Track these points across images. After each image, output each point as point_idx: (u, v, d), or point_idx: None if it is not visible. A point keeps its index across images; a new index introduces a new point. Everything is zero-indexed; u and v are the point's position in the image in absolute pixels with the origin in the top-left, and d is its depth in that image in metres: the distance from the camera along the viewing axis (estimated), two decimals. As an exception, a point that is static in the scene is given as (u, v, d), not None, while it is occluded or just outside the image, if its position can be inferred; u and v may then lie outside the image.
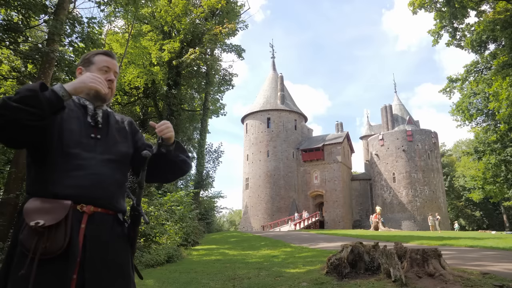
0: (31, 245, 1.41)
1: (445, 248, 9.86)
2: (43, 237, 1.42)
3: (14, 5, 9.86)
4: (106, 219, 1.60)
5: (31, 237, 1.42)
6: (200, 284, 5.88)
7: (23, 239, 1.43)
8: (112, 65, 1.86)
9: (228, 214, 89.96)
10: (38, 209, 1.47)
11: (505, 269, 5.89)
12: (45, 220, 1.43)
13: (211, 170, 34.16)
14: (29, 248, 1.41)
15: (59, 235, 1.43)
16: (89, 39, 11.19)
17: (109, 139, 1.74)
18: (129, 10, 16.68)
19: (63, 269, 1.44)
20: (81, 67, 1.86)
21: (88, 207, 1.54)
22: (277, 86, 53.04)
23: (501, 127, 26.86)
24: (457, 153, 65.47)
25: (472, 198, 44.11)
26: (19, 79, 12.61)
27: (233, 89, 53.98)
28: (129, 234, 1.68)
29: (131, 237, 1.68)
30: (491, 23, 18.20)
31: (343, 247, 5.78)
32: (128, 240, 1.68)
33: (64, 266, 1.44)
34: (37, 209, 1.47)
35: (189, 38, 25.15)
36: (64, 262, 1.44)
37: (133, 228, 1.69)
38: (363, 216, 48.65)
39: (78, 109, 1.73)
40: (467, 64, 22.67)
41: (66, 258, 1.44)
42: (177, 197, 14.95)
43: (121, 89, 25.82)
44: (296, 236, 20.06)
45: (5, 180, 9.86)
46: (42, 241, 1.41)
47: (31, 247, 1.40)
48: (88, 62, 1.84)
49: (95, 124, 1.73)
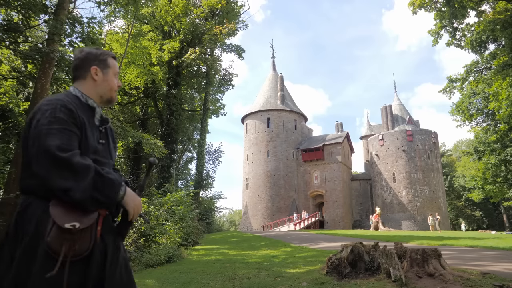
0: (61, 248, 1.42)
1: (445, 248, 9.86)
2: (74, 240, 1.45)
3: (14, 5, 9.86)
4: (109, 219, 1.68)
5: (62, 239, 1.43)
6: (200, 284, 5.88)
7: (51, 241, 1.42)
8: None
9: (228, 214, 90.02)
10: (69, 210, 1.48)
11: (505, 269, 5.89)
12: (80, 223, 1.46)
13: (211, 170, 34.26)
14: (57, 250, 1.42)
15: (86, 238, 1.49)
16: (89, 39, 11.19)
17: (109, 143, 1.79)
18: (129, 10, 16.69)
19: (85, 269, 1.49)
20: (96, 67, 1.78)
21: (104, 210, 1.60)
22: (277, 86, 53.04)
23: (501, 127, 26.85)
24: (457, 153, 65.47)
25: (472, 198, 44.12)
26: (19, 79, 12.62)
27: (233, 89, 54.02)
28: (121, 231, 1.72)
29: (123, 234, 1.74)
30: (491, 23, 18.20)
31: (343, 247, 5.78)
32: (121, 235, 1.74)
33: (85, 266, 1.49)
34: (68, 210, 1.48)
35: (189, 38, 25.15)
36: (86, 262, 1.49)
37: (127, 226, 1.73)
38: (363, 216, 48.65)
39: (87, 110, 1.71)
40: (467, 64, 22.67)
41: (88, 258, 1.50)
42: (177, 197, 14.95)
43: (121, 89, 25.82)
44: (296, 236, 20.06)
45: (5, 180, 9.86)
46: (73, 244, 1.44)
47: (61, 250, 1.42)
48: (105, 65, 1.80)
49: (102, 129, 1.76)
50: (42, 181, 1.47)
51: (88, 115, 1.70)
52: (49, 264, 1.42)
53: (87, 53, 1.79)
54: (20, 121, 11.71)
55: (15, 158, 9.47)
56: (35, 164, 1.47)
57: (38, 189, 1.53)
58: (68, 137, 1.52)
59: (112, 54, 1.87)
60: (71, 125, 1.56)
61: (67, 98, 1.65)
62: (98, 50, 1.83)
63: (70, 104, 1.60)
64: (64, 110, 1.56)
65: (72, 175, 1.46)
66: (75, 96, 1.71)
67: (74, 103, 1.65)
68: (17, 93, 14.84)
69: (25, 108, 12.85)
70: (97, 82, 1.77)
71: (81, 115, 1.63)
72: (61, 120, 1.53)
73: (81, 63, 1.78)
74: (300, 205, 47.81)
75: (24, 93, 16.06)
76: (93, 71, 1.77)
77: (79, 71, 1.78)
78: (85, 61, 1.77)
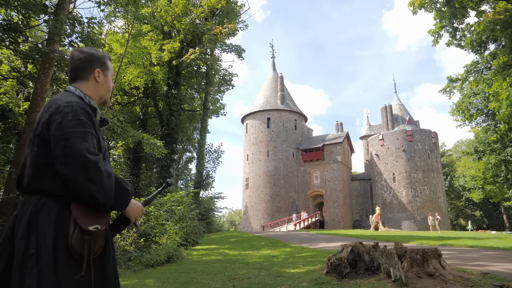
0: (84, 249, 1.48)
1: (445, 248, 9.87)
2: (95, 241, 1.53)
3: (14, 5, 9.86)
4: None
5: (84, 241, 1.49)
6: (200, 284, 5.88)
7: (75, 243, 1.46)
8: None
9: (228, 214, 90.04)
10: (92, 213, 1.55)
11: (505, 269, 5.89)
12: (101, 225, 1.55)
13: (211, 170, 34.25)
14: (80, 252, 1.47)
15: (102, 237, 1.58)
16: (89, 39, 11.18)
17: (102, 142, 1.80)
18: (129, 10, 16.69)
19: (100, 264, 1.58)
20: (99, 69, 1.81)
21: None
22: (277, 86, 53.05)
23: (501, 127, 26.85)
24: (457, 153, 65.48)
25: (472, 198, 44.13)
26: (19, 79, 12.62)
27: (233, 89, 54.01)
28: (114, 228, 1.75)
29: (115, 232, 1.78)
30: (491, 23, 18.20)
31: (343, 247, 5.78)
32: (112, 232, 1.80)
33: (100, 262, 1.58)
34: (91, 214, 1.54)
35: (189, 38, 25.16)
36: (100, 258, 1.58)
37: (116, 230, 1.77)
38: (363, 216, 48.65)
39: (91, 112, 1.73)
40: (467, 64, 22.68)
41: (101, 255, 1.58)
42: (177, 197, 14.95)
43: (121, 89, 25.84)
44: (296, 236, 20.07)
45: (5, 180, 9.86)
46: (95, 244, 1.53)
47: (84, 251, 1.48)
48: (105, 67, 1.85)
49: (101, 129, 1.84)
50: (66, 182, 1.48)
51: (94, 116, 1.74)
52: (71, 265, 1.46)
53: (89, 55, 1.80)
54: (20, 121, 11.71)
55: (15, 158, 9.46)
56: (62, 165, 1.48)
57: (56, 190, 1.53)
58: (92, 140, 1.57)
59: (109, 56, 1.92)
60: (92, 128, 1.61)
61: (78, 99, 1.68)
62: (98, 52, 1.85)
63: (86, 107, 1.67)
64: (84, 113, 1.60)
65: (100, 179, 1.49)
66: (79, 97, 1.72)
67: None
68: (17, 93, 14.84)
69: (25, 108, 12.86)
70: (99, 84, 1.82)
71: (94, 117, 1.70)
72: (85, 123, 1.57)
73: (83, 64, 1.78)
74: (300, 205, 47.81)
75: (24, 93, 16.06)
76: (96, 73, 1.80)
77: (81, 72, 1.78)
78: (88, 63, 1.78)
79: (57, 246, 1.45)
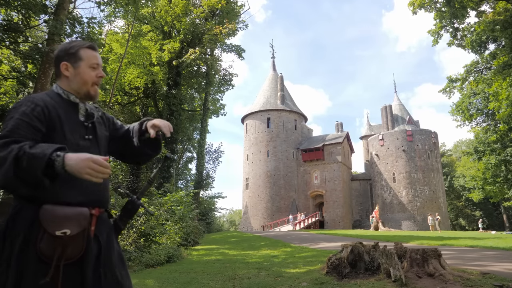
0: (54, 253, 1.41)
1: (445, 248, 9.86)
2: (67, 245, 1.44)
3: (14, 5, 9.86)
4: (105, 217, 1.69)
5: (55, 245, 1.42)
6: (200, 284, 5.88)
7: (43, 247, 1.41)
8: (99, 60, 1.75)
9: (228, 214, 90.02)
10: (59, 217, 1.46)
11: (505, 269, 5.89)
12: (71, 229, 1.45)
13: (211, 170, 34.26)
14: (51, 256, 1.41)
15: (79, 241, 1.48)
16: (89, 39, 11.19)
17: (98, 138, 1.72)
18: (129, 10, 16.69)
19: (79, 271, 1.49)
20: (66, 62, 1.69)
21: (96, 210, 1.60)
22: (277, 86, 53.05)
23: (501, 127, 26.87)
24: (457, 153, 65.49)
25: (472, 198, 44.12)
26: (19, 79, 12.61)
27: (233, 89, 54.00)
28: (118, 225, 1.73)
29: (120, 228, 1.74)
30: (491, 23, 18.20)
31: (343, 247, 5.78)
32: (117, 229, 1.74)
33: (79, 268, 1.49)
34: (58, 218, 1.45)
35: (189, 38, 25.16)
36: (80, 264, 1.49)
37: (125, 220, 1.74)
38: (363, 216, 48.65)
39: (68, 106, 1.66)
40: (467, 64, 22.70)
41: (81, 260, 1.49)
42: (177, 197, 14.95)
43: (121, 89, 25.84)
44: (296, 236, 20.06)
45: (5, 180, 9.85)
46: (67, 248, 1.43)
47: (54, 255, 1.41)
48: (75, 58, 1.69)
49: (87, 124, 1.69)
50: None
51: (70, 111, 1.65)
52: (42, 269, 1.41)
53: (58, 50, 1.73)
54: (20, 121, 11.69)
55: (15, 158, 9.46)
56: None
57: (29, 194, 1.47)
58: (16, 126, 1.46)
59: (87, 44, 1.74)
60: (33, 119, 1.49)
61: (45, 96, 1.62)
62: (69, 44, 1.73)
63: (39, 100, 1.56)
64: (29, 104, 1.53)
65: None
66: (56, 93, 1.67)
67: (52, 100, 1.61)
68: (17, 93, 14.84)
69: (25, 108, 12.82)
70: (70, 78, 1.69)
71: (57, 112, 1.58)
72: (21, 113, 1.49)
73: (54, 61, 1.74)
74: (300, 205, 47.82)
75: (24, 93, 16.06)
76: (62, 67, 1.69)
77: (55, 68, 1.74)
78: (56, 59, 1.72)
79: (28, 249, 1.43)
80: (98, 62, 1.74)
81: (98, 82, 1.73)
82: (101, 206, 1.64)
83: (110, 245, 1.65)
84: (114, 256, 1.65)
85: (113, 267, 1.61)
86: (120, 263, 1.67)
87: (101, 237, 1.60)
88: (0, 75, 12.70)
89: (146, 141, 1.84)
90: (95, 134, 1.71)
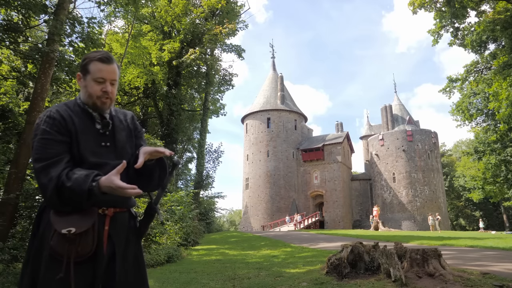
0: (64, 251, 1.52)
1: (445, 248, 9.86)
2: (75, 243, 1.53)
3: (14, 5, 9.85)
4: (123, 217, 1.75)
5: (63, 243, 1.52)
6: (200, 284, 5.88)
7: (54, 245, 1.53)
8: (107, 74, 1.73)
9: (228, 214, 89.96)
10: (67, 216, 1.56)
11: (505, 269, 5.89)
12: (76, 227, 1.54)
13: (211, 170, 34.20)
14: (61, 253, 1.52)
15: (88, 240, 1.56)
16: (89, 39, 11.18)
17: (117, 144, 1.78)
18: (129, 10, 16.68)
19: (92, 268, 1.58)
20: (79, 73, 1.77)
21: (110, 210, 1.67)
22: (277, 86, 53.05)
23: (501, 127, 26.83)
24: (457, 153, 65.44)
25: (472, 198, 44.10)
26: (19, 79, 12.60)
27: (233, 89, 54.03)
28: (140, 228, 1.81)
29: (142, 231, 1.82)
30: (491, 23, 18.20)
31: (343, 247, 5.78)
32: (139, 232, 1.81)
33: (92, 266, 1.58)
34: (66, 217, 1.56)
35: (189, 38, 25.15)
36: (92, 262, 1.58)
37: (146, 223, 1.81)
38: (363, 216, 48.65)
39: (85, 116, 1.74)
40: (467, 64, 22.69)
41: (94, 258, 1.58)
42: (177, 197, 14.95)
43: (121, 89, 25.80)
44: (296, 236, 20.06)
45: (5, 180, 9.85)
46: (75, 247, 1.53)
47: (64, 253, 1.52)
48: (85, 70, 1.74)
49: (104, 132, 1.76)
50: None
51: (87, 120, 1.73)
52: (53, 265, 1.52)
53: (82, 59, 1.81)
54: (20, 121, 11.70)
55: (15, 158, 9.45)
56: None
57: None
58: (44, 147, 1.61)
59: (97, 57, 1.73)
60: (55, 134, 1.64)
61: (62, 106, 1.73)
62: (86, 55, 1.79)
63: (55, 113, 1.68)
64: (47, 120, 1.66)
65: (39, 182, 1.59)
66: (76, 103, 1.76)
67: (70, 110, 1.71)
68: (17, 93, 14.84)
69: (25, 108, 12.85)
70: (82, 88, 1.77)
71: (73, 121, 1.68)
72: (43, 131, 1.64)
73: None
74: (300, 205, 47.81)
75: (24, 93, 16.06)
76: (77, 77, 1.78)
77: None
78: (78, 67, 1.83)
79: (42, 246, 1.58)
80: (104, 76, 1.72)
81: (103, 97, 1.74)
82: (116, 206, 1.70)
83: (127, 246, 1.71)
84: (129, 258, 1.71)
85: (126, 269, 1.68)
86: (134, 266, 1.74)
87: (115, 237, 1.66)
88: (0, 75, 12.69)
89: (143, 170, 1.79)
90: (113, 140, 1.77)
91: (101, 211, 1.64)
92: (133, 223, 1.81)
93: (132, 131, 1.89)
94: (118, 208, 1.71)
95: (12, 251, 7.34)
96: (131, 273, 1.70)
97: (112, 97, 1.77)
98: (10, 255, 7.19)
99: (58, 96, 17.81)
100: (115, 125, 1.80)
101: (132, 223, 1.80)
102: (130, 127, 1.88)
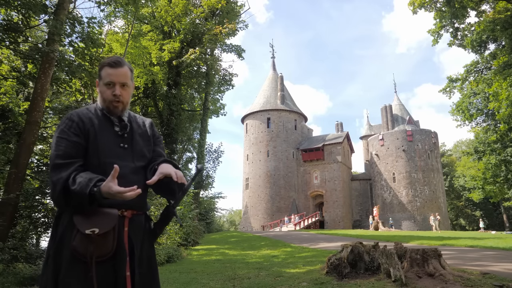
0: (86, 251, 1.56)
1: (445, 248, 9.86)
2: (97, 243, 1.58)
3: (14, 5, 9.85)
4: (140, 220, 1.80)
5: (86, 243, 1.57)
6: (200, 284, 5.88)
7: (76, 245, 1.58)
8: (115, 77, 1.79)
9: (228, 214, 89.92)
10: (90, 217, 1.61)
11: (505, 269, 5.89)
12: (100, 228, 1.58)
13: (211, 170, 34.22)
14: (83, 253, 1.57)
15: (109, 240, 1.61)
16: (89, 39, 11.18)
17: (135, 146, 1.83)
18: (129, 10, 16.68)
19: (112, 268, 1.63)
20: (97, 80, 1.88)
21: (128, 212, 1.72)
22: (277, 86, 53.05)
23: (501, 127, 26.85)
24: (457, 153, 65.45)
25: (472, 198, 44.11)
26: (19, 79, 12.61)
27: (233, 89, 54.01)
28: (155, 230, 1.86)
29: (157, 233, 1.87)
30: (491, 23, 18.19)
31: (343, 247, 5.78)
32: (154, 234, 1.87)
33: (112, 266, 1.62)
34: (89, 218, 1.61)
35: (189, 38, 25.15)
36: (112, 262, 1.62)
37: (162, 225, 1.84)
38: (363, 216, 48.66)
39: (104, 119, 1.81)
40: (467, 64, 22.69)
41: (114, 258, 1.62)
42: (177, 197, 14.93)
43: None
44: (296, 236, 20.06)
45: (5, 180, 9.86)
46: (97, 247, 1.57)
47: (86, 253, 1.56)
48: (100, 76, 1.84)
49: (122, 134, 1.81)
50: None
51: (106, 122, 1.80)
52: (75, 265, 1.58)
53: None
54: (20, 121, 11.70)
55: (15, 158, 9.46)
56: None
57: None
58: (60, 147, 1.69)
59: (107, 62, 1.82)
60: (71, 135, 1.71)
61: (84, 110, 1.82)
62: (102, 62, 1.88)
63: (75, 115, 1.77)
64: (67, 121, 1.75)
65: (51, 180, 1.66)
66: (96, 107, 1.85)
67: (91, 113, 1.80)
68: (17, 93, 14.85)
69: (25, 108, 12.86)
70: (98, 94, 1.88)
71: (92, 122, 1.76)
72: (62, 131, 1.72)
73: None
74: (300, 205, 47.82)
75: (24, 93, 16.06)
76: (96, 83, 1.88)
77: None
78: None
79: (62, 247, 1.63)
80: (112, 79, 1.79)
81: (114, 101, 1.80)
82: (134, 208, 1.75)
83: (142, 247, 1.76)
84: (144, 259, 1.76)
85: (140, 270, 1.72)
86: (147, 267, 1.78)
87: (134, 239, 1.71)
88: (0, 75, 12.69)
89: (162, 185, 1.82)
90: (131, 143, 1.83)
91: (120, 212, 1.68)
92: (148, 225, 1.86)
93: (150, 137, 1.95)
94: (135, 211, 1.75)
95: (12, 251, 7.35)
96: (144, 273, 1.75)
97: (123, 100, 1.82)
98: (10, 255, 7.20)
99: (58, 96, 17.80)
100: (133, 128, 1.87)
101: (147, 225, 1.85)
102: (148, 133, 1.95)
